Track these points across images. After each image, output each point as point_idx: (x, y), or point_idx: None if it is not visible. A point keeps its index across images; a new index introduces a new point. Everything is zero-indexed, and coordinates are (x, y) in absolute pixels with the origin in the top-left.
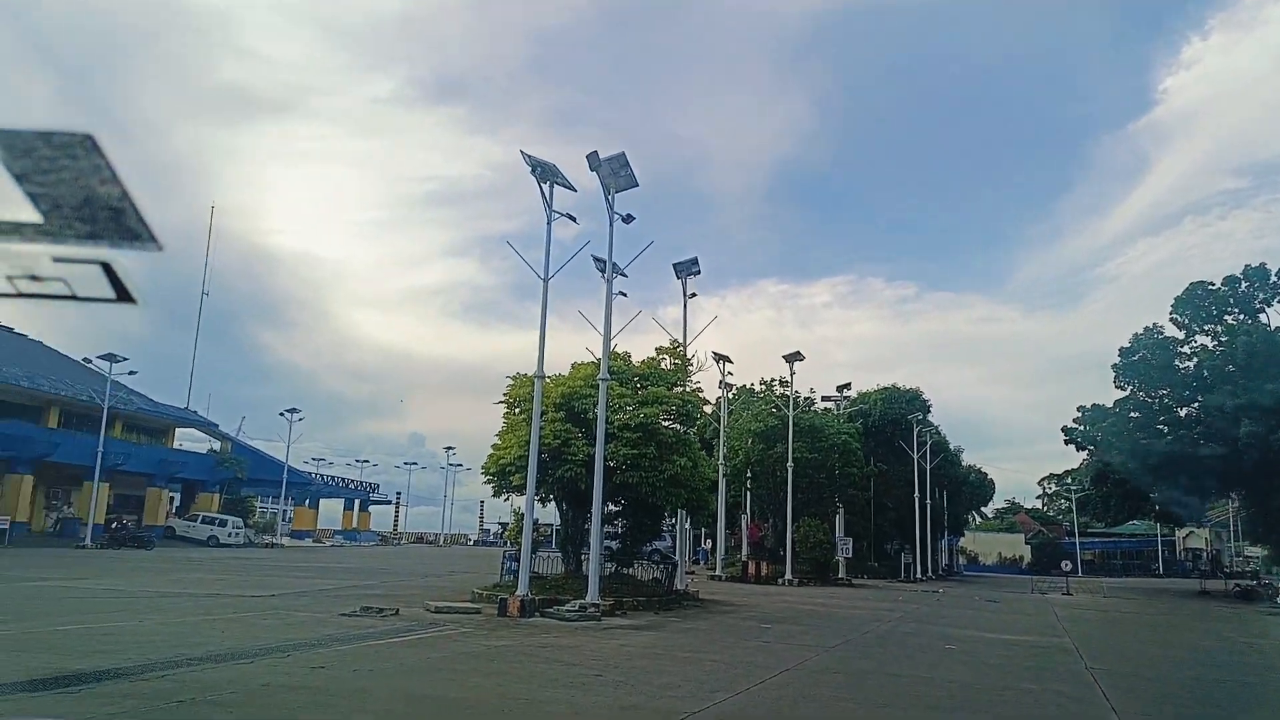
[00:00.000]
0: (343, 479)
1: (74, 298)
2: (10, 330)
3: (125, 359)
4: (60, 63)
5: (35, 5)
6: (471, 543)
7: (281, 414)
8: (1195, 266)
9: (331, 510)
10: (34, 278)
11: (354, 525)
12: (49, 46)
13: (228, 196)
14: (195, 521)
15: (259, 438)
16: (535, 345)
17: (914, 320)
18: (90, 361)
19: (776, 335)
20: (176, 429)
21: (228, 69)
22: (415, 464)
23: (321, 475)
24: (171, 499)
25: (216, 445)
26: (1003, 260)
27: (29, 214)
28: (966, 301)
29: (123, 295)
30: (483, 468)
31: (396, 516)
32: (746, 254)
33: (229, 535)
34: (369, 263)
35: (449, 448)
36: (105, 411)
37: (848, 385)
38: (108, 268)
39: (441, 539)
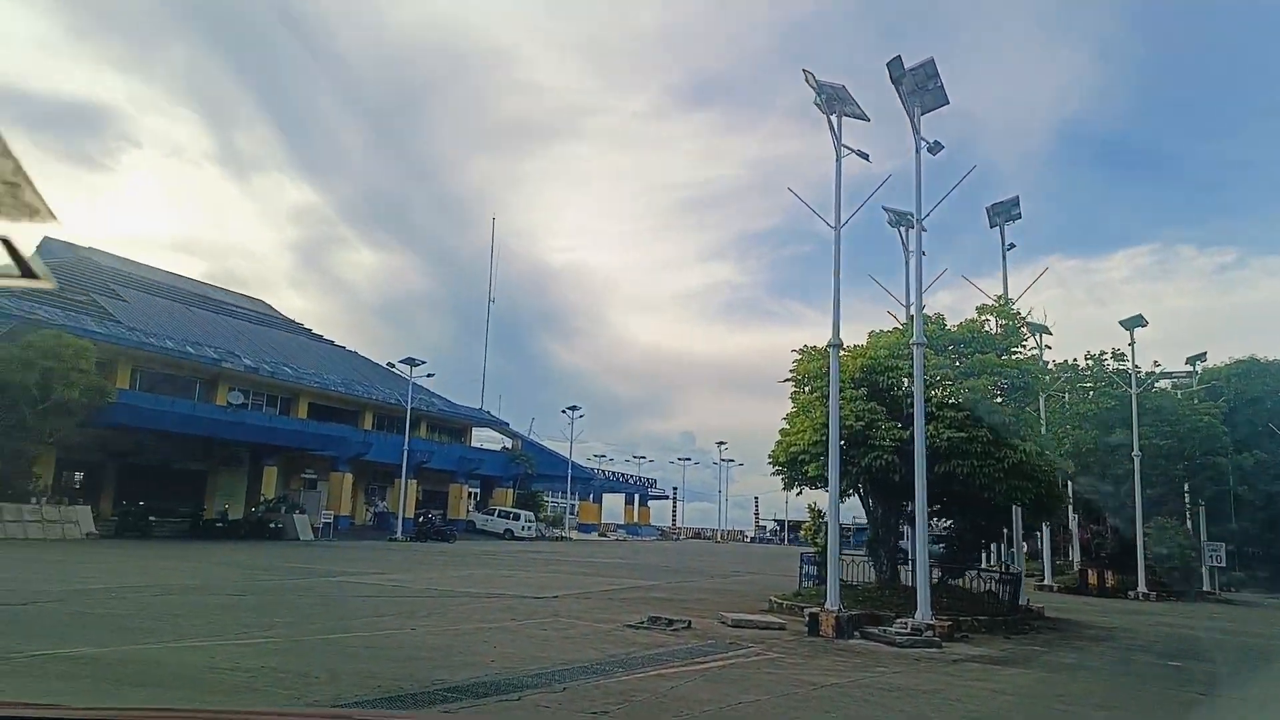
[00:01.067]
0: (622, 474)
1: None
2: (331, 342)
3: (424, 361)
4: (370, 113)
5: (346, 66)
6: (748, 540)
7: (564, 411)
8: None
9: (612, 505)
10: None
11: (634, 520)
12: (359, 100)
13: (513, 219)
14: (492, 515)
15: (545, 437)
16: (794, 343)
17: (1236, 290)
18: (394, 366)
19: (1068, 316)
20: (473, 428)
21: (508, 104)
22: (689, 459)
23: (603, 471)
24: (471, 494)
25: (509, 443)
26: None
27: None
28: None
29: (27, 272)
30: (770, 456)
31: (674, 511)
32: (1028, 229)
33: (522, 529)
34: (637, 270)
35: (720, 442)
36: (409, 412)
37: (1201, 356)
38: (8, 244)
39: (719, 535)
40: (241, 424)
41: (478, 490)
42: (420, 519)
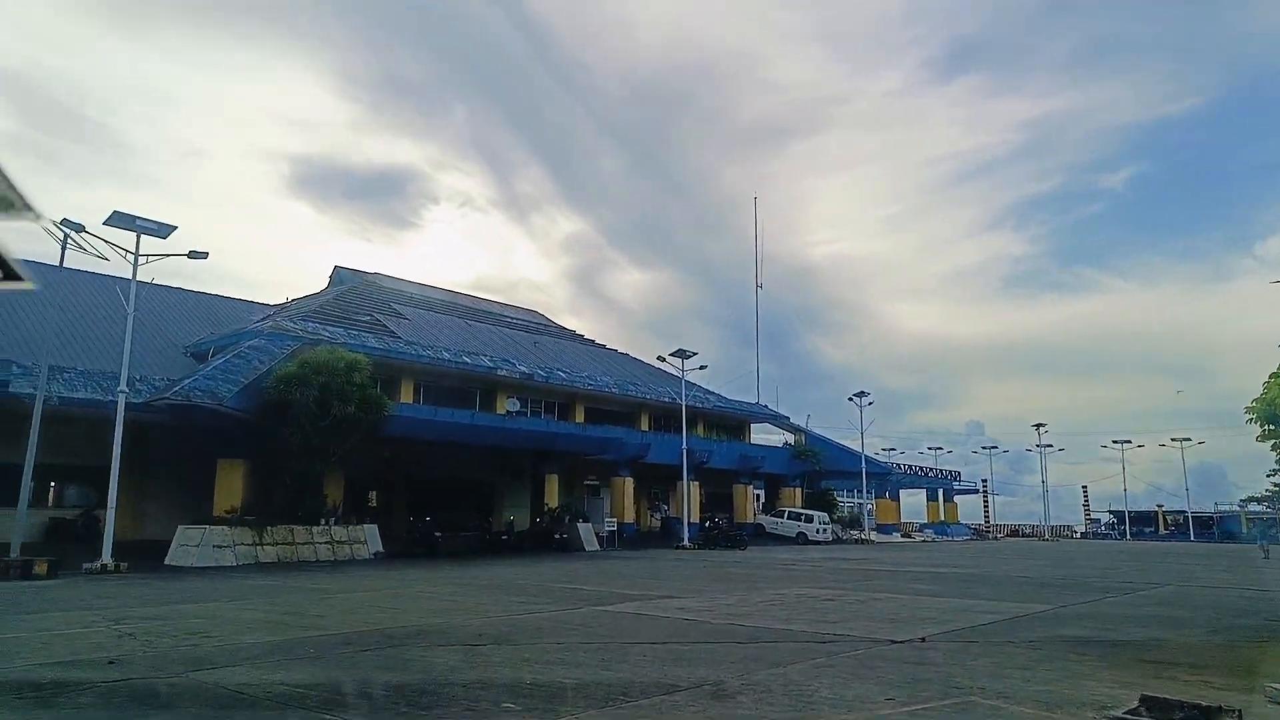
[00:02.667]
0: (921, 468)
1: None
2: (602, 346)
3: (694, 354)
4: (626, 139)
5: (602, 97)
6: (1077, 535)
7: (850, 399)
8: None
9: (911, 502)
10: None
11: (939, 518)
12: (615, 128)
13: (768, 220)
14: (782, 518)
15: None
16: (1091, 313)
17: None
18: (664, 360)
19: None
20: (751, 425)
21: (750, 106)
22: (994, 447)
23: (899, 465)
24: (756, 495)
25: (790, 439)
26: None
27: None
28: None
29: (10, 275)
30: (1250, 408)
31: (986, 507)
32: None
33: (816, 531)
34: (902, 254)
35: (1039, 425)
36: (684, 409)
37: None
38: None
39: (1043, 532)
40: (519, 430)
41: (761, 491)
42: (707, 524)
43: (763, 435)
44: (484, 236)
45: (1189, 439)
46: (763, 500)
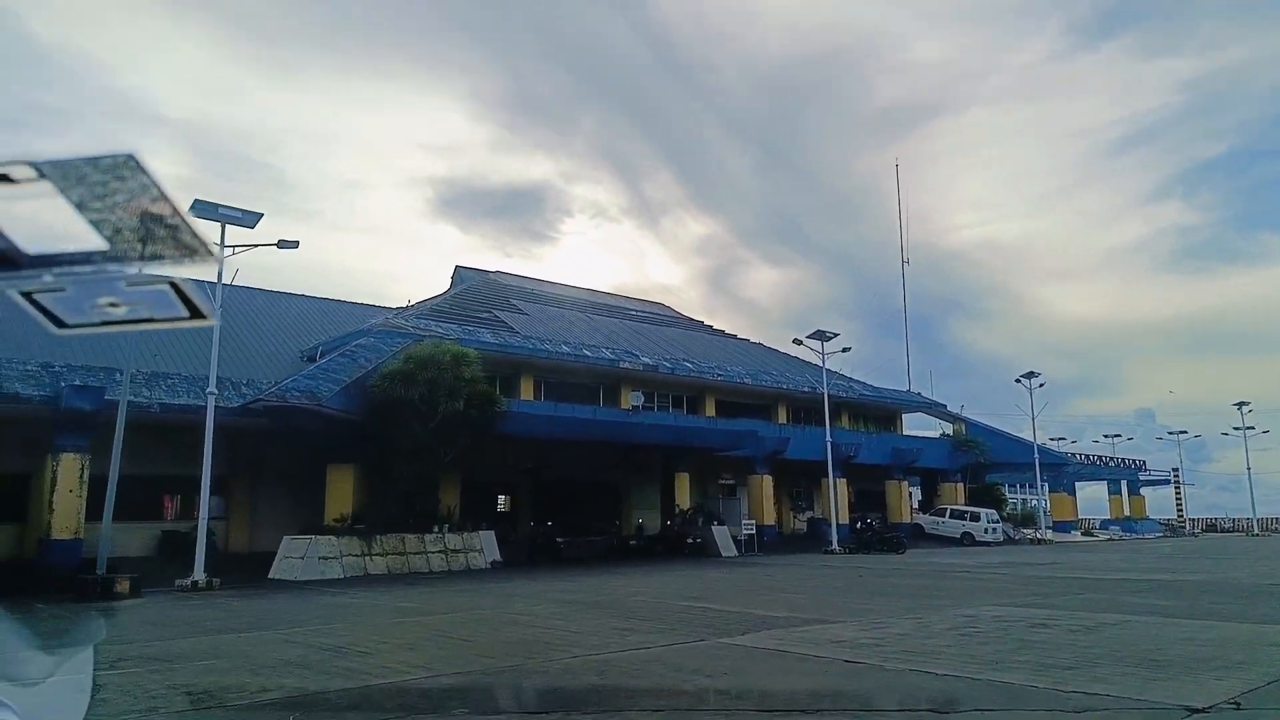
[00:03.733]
0: (1100, 457)
1: (151, 320)
2: (733, 337)
3: (835, 335)
4: (753, 135)
5: (727, 96)
6: None
7: (1018, 380)
8: None
9: (1088, 496)
10: (114, 304)
11: (1124, 512)
12: (742, 125)
13: (908, 207)
14: (943, 516)
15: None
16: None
17: None
18: (801, 343)
19: None
20: (903, 414)
21: (883, 90)
22: (1185, 432)
23: (1074, 454)
24: (910, 493)
25: (948, 429)
26: None
27: (95, 241)
28: None
29: (195, 313)
30: None
31: (1179, 499)
32: None
33: (984, 531)
34: (1055, 234)
35: (1241, 403)
36: (826, 398)
37: None
38: (175, 286)
39: (1254, 526)
40: (644, 424)
41: (917, 487)
42: (859, 525)
43: (915, 428)
44: (617, 245)
45: None
46: (918, 498)
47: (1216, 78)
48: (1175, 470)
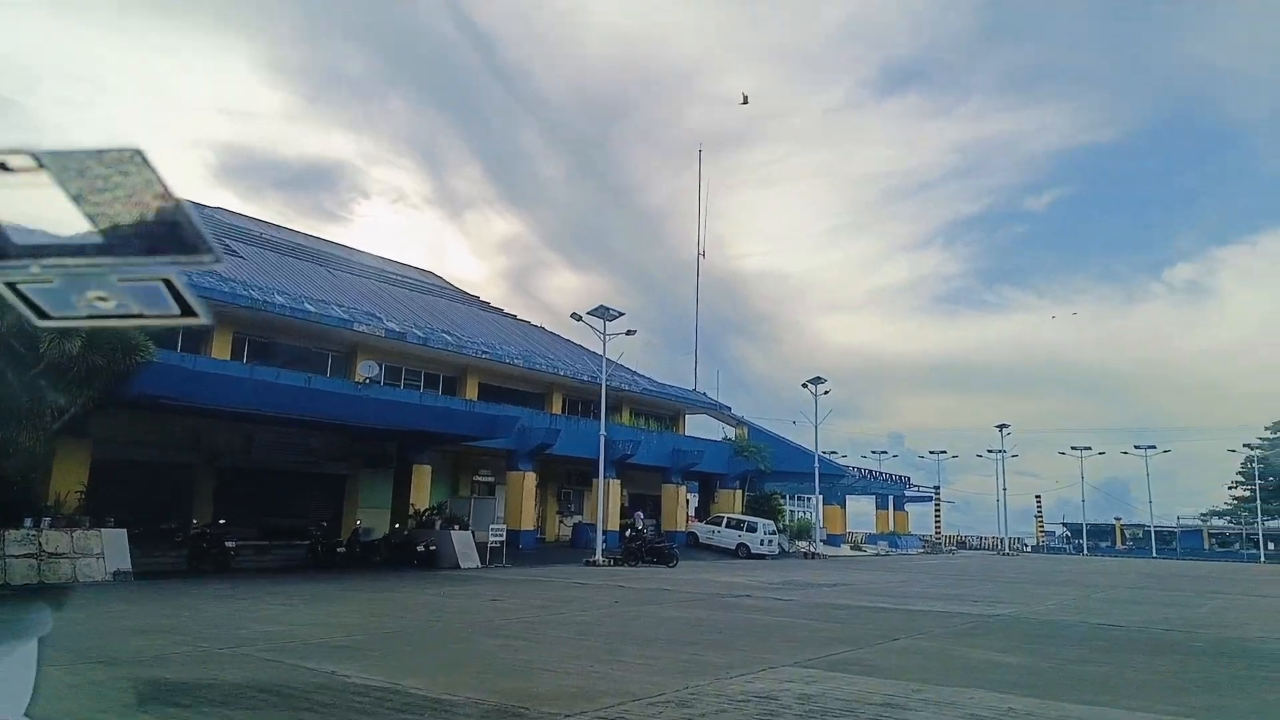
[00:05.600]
0: (872, 471)
1: (141, 316)
2: (514, 317)
3: (621, 314)
4: (567, 144)
5: (545, 104)
6: (1028, 549)
7: (804, 385)
8: None
9: (855, 511)
10: (103, 299)
11: (889, 527)
12: (558, 133)
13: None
14: (720, 526)
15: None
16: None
17: None
18: (581, 319)
19: None
20: (686, 415)
21: (691, 117)
22: (944, 452)
23: (850, 468)
24: (688, 499)
25: (731, 434)
26: None
27: (90, 235)
28: None
29: (186, 311)
30: None
31: (937, 517)
32: None
33: (760, 543)
34: (832, 269)
35: (1001, 425)
36: (604, 384)
37: None
38: (170, 284)
39: (999, 545)
40: (370, 400)
41: (695, 493)
42: (628, 532)
43: (698, 432)
44: (416, 233)
45: (1153, 446)
46: (695, 504)
47: (982, 144)
48: (937, 488)
